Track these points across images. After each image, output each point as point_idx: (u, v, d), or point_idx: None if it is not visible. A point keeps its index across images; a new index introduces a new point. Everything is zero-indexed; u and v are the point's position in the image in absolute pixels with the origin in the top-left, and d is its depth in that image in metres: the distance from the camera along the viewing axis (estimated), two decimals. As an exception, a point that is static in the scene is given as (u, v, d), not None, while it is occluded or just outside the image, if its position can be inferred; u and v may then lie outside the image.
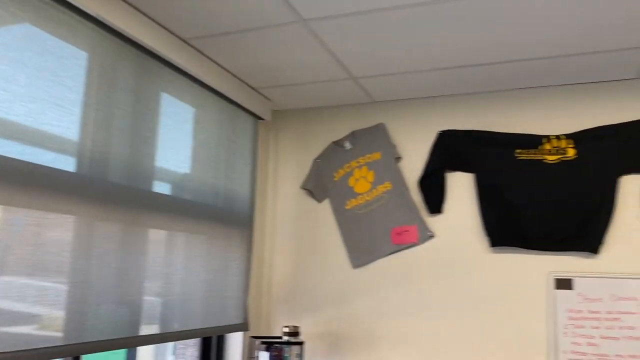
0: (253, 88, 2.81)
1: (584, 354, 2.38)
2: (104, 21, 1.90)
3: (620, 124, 2.48)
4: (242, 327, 2.73)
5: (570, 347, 2.40)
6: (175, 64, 2.27)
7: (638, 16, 1.93)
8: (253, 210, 2.88)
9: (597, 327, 2.38)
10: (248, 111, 2.82)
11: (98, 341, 1.87)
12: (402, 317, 2.72)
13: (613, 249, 2.43)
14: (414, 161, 2.83)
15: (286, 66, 2.49)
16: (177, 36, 2.24)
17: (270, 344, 2.58)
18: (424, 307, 2.69)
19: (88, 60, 1.88)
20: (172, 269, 2.26)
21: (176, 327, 2.27)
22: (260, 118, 2.93)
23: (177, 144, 2.34)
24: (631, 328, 2.33)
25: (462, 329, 2.61)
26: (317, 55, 2.35)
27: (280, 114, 3.16)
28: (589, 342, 2.38)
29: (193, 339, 2.69)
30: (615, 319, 2.36)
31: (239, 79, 2.68)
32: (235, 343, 2.82)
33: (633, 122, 2.47)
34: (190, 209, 2.39)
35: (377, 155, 2.90)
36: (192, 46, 2.33)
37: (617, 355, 2.33)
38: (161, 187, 2.23)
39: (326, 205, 2.97)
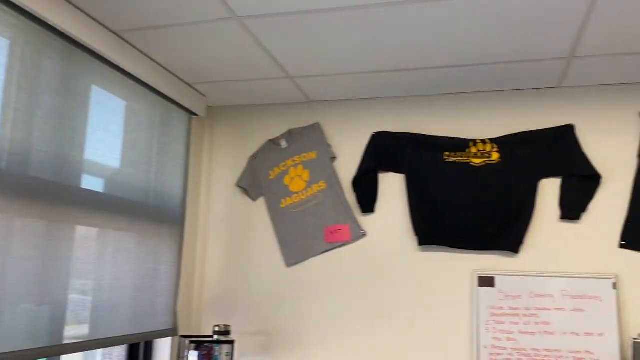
0: (187, 83, 2.76)
1: (503, 348, 2.49)
2: (28, 10, 1.81)
3: (541, 130, 2.62)
4: (171, 332, 2.68)
5: (491, 342, 2.51)
6: (105, 57, 2.20)
7: (558, 28, 2.04)
8: (185, 207, 2.84)
9: (516, 323, 2.50)
10: (182, 106, 2.78)
11: (16, 351, 1.79)
12: (333, 315, 2.76)
13: (532, 249, 2.56)
14: (348, 161, 2.87)
15: (221, 63, 2.47)
16: (107, 28, 2.17)
17: (200, 343, 2.55)
18: (354, 305, 2.74)
19: (9, 51, 1.80)
20: (99, 270, 2.19)
21: (102, 333, 2.19)
22: (194, 114, 2.88)
23: (107, 138, 2.27)
24: (546, 323, 2.46)
25: (391, 325, 2.68)
26: (253, 53, 2.34)
27: (215, 110, 3.13)
28: (509, 337, 2.50)
29: (120, 339, 2.63)
30: (533, 314, 2.49)
31: (172, 73, 2.63)
32: (164, 342, 2.77)
33: (553, 128, 2.60)
34: (120, 206, 2.33)
35: (312, 155, 2.92)
36: (123, 39, 2.27)
37: (533, 349, 2.46)
38: (89, 183, 2.17)
39: (261, 203, 2.97)
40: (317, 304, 2.79)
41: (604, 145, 2.54)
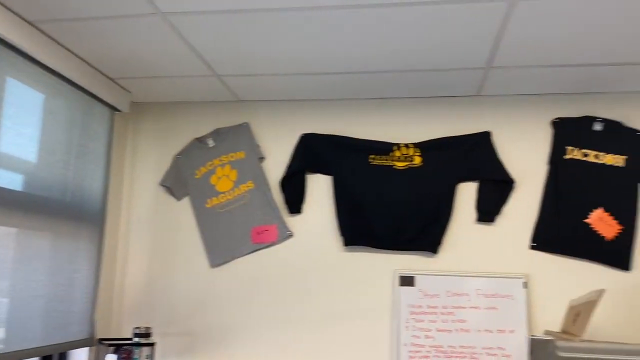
0: (110, 78, 2.67)
1: (422, 346, 2.58)
2: None
3: (461, 136, 2.73)
4: (88, 342, 2.59)
5: (410, 340, 2.59)
6: (21, 48, 2.10)
7: (475, 40, 2.14)
8: (105, 206, 2.75)
9: (434, 321, 2.59)
10: (104, 102, 2.68)
11: None
12: (258, 315, 2.76)
13: (450, 249, 2.66)
14: (276, 162, 2.87)
15: (145, 58, 2.41)
16: (22, 18, 2.07)
17: (119, 346, 2.48)
18: (279, 306, 2.75)
19: None
20: (11, 276, 2.08)
21: (12, 345, 2.08)
22: (117, 109, 2.80)
23: (23, 133, 2.16)
24: (462, 321, 2.57)
25: (315, 325, 2.71)
26: (178, 49, 2.30)
27: (140, 106, 3.05)
28: (427, 335, 2.59)
29: (33, 343, 2.51)
30: (450, 313, 2.59)
31: (94, 67, 2.54)
32: (81, 350, 2.67)
33: (471, 134, 2.72)
34: (35, 204, 2.22)
35: (240, 155, 2.91)
36: (40, 30, 2.17)
37: (449, 346, 2.56)
38: (2, 179, 2.06)
39: (186, 203, 2.92)
40: (242, 304, 2.78)
41: (517, 152, 2.69)
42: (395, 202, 2.69)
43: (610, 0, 1.83)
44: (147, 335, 2.55)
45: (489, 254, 2.63)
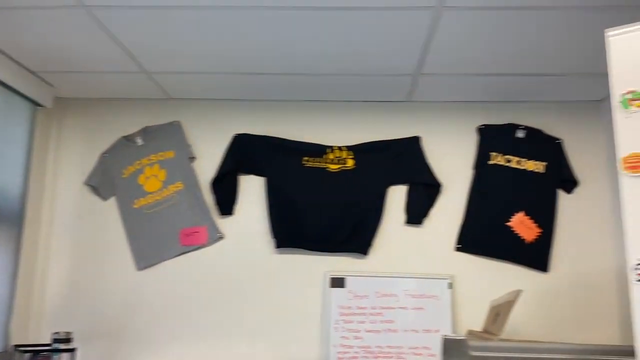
0: (31, 71, 2.54)
1: (350, 347, 2.60)
2: None
3: (392, 140, 2.78)
4: (1, 356, 2.44)
5: (339, 341, 2.61)
6: None
7: (403, 46, 2.18)
8: (25, 206, 2.61)
9: (362, 322, 2.62)
10: (24, 96, 2.55)
11: None
12: (185, 319, 2.70)
13: (379, 251, 2.71)
14: (208, 162, 2.82)
15: (69, 52, 2.31)
16: None
17: (35, 353, 2.36)
18: (208, 309, 2.70)
19: None
20: None
21: None
22: (39, 105, 2.66)
23: None
24: (390, 322, 2.62)
25: (245, 327, 2.68)
26: (103, 44, 2.22)
27: (64, 101, 2.91)
28: (356, 336, 2.61)
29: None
30: (378, 313, 2.63)
31: (12, 59, 2.41)
32: (-6, 353, 2.53)
33: (402, 139, 2.78)
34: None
35: (170, 154, 2.84)
36: (-50, 16, 2.03)
37: (377, 347, 2.60)
38: None
39: (112, 203, 2.82)
40: (170, 308, 2.71)
41: (445, 157, 2.77)
42: (327, 204, 2.71)
43: (530, 14, 1.92)
44: (67, 340, 2.44)
45: (417, 255, 2.70)
